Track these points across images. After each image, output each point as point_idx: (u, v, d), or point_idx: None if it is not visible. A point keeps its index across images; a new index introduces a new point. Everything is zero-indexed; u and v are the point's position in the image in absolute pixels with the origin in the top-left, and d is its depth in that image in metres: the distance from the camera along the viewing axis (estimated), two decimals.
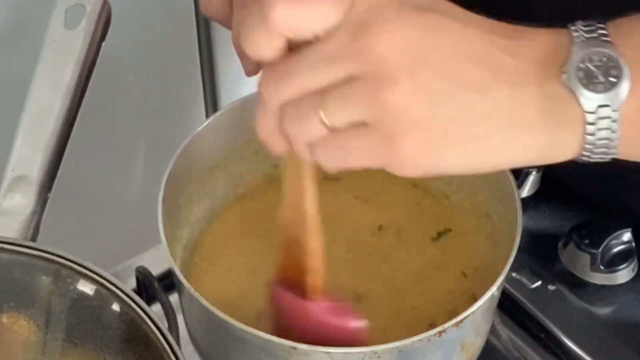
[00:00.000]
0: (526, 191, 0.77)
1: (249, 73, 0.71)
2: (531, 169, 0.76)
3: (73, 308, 0.60)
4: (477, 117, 0.47)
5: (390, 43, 0.47)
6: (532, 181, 0.77)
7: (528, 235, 0.66)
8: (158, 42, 1.13)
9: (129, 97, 1.16)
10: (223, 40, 1.19)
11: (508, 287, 0.71)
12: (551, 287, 0.71)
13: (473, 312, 0.56)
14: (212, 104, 1.27)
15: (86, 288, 0.60)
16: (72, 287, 0.60)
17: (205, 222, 0.69)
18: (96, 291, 0.60)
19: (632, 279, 0.72)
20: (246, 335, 0.56)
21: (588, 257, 0.71)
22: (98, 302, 0.60)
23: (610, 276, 0.72)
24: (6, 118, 0.68)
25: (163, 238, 0.60)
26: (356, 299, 0.65)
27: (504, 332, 0.71)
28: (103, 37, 0.72)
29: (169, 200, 0.63)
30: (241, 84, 0.86)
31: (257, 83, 0.51)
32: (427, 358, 0.58)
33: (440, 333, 0.56)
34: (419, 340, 0.55)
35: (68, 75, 0.69)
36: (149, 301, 0.63)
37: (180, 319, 0.63)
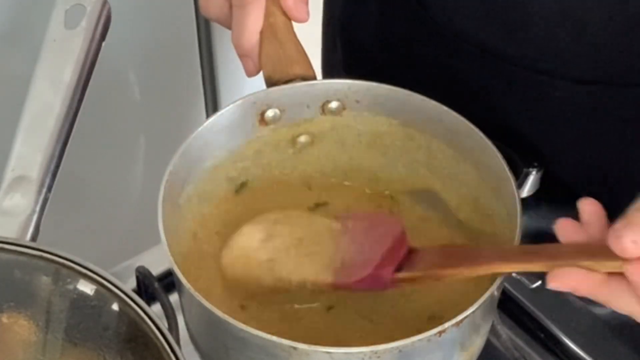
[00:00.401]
0: (526, 191, 0.77)
1: (249, 73, 0.71)
2: (531, 169, 0.76)
3: (73, 308, 0.60)
4: None
5: None
6: (532, 181, 0.77)
7: (528, 235, 0.65)
8: (158, 42, 1.13)
9: (129, 97, 1.16)
10: (223, 40, 1.19)
11: (508, 287, 0.71)
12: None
13: (473, 312, 0.56)
14: (212, 104, 1.27)
15: (86, 288, 0.60)
16: (72, 287, 0.60)
17: (205, 222, 0.69)
18: (96, 291, 0.60)
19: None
20: (246, 335, 0.56)
21: None
22: (98, 302, 0.60)
23: None
24: (6, 118, 0.68)
25: (163, 238, 0.60)
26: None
27: (504, 332, 0.70)
28: (103, 37, 0.72)
29: (169, 200, 0.63)
30: (241, 84, 0.86)
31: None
32: (427, 358, 0.58)
33: (440, 333, 0.55)
34: (419, 340, 0.55)
35: (68, 75, 0.69)
36: (149, 301, 0.63)
37: (180, 319, 0.63)
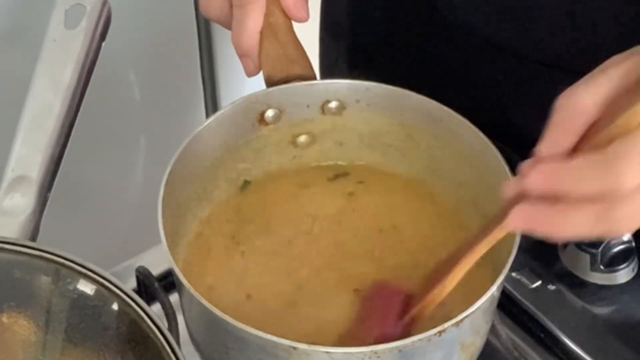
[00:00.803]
0: None
1: (250, 73, 0.71)
2: None
3: (73, 308, 0.60)
4: None
5: None
6: None
7: (528, 235, 0.65)
8: (158, 42, 1.13)
9: (129, 97, 1.16)
10: (223, 40, 1.19)
11: (508, 287, 0.71)
12: (551, 287, 0.71)
13: (473, 312, 0.56)
14: (212, 104, 1.27)
15: (86, 288, 0.60)
16: (72, 287, 0.60)
17: (205, 222, 0.69)
18: (96, 291, 0.60)
19: (632, 279, 0.72)
20: (246, 335, 0.56)
21: (588, 257, 0.71)
22: (98, 302, 0.60)
23: (610, 276, 0.72)
24: (6, 118, 0.68)
25: (163, 238, 0.60)
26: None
27: (504, 332, 0.70)
28: (103, 37, 0.72)
29: (169, 200, 0.63)
30: (241, 84, 0.86)
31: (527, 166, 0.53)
32: (427, 358, 0.58)
33: (440, 333, 0.55)
34: (419, 340, 0.55)
35: (68, 75, 0.69)
36: (149, 301, 0.63)
37: (180, 319, 0.63)
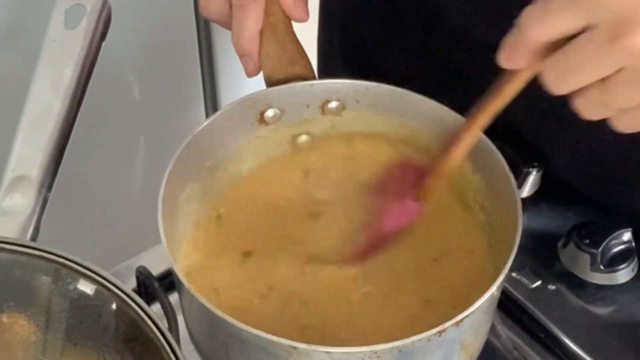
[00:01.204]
0: (526, 191, 0.77)
1: (249, 73, 0.71)
2: (531, 169, 0.76)
3: (73, 308, 0.60)
4: None
5: None
6: (532, 181, 0.77)
7: (528, 235, 0.65)
8: (158, 42, 1.13)
9: (129, 97, 1.16)
10: (223, 40, 1.19)
11: (508, 287, 0.71)
12: (551, 287, 0.71)
13: (473, 312, 0.56)
14: (212, 104, 1.27)
15: (86, 288, 0.60)
16: (72, 287, 0.60)
17: (205, 222, 0.69)
18: (96, 291, 0.60)
19: (632, 279, 0.72)
20: (246, 335, 0.56)
21: (588, 257, 0.71)
22: (98, 302, 0.60)
23: (610, 276, 0.72)
24: (6, 118, 0.68)
25: (163, 238, 0.60)
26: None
27: (504, 332, 0.71)
28: (103, 37, 0.72)
29: (169, 200, 0.63)
30: (241, 84, 0.86)
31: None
32: (427, 358, 0.58)
33: (440, 333, 0.56)
34: (419, 340, 0.55)
35: (68, 75, 0.69)
36: (149, 301, 0.63)
37: (180, 319, 0.63)
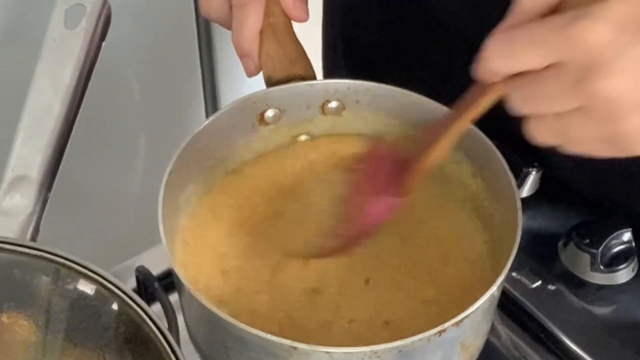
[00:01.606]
0: (526, 191, 0.77)
1: (250, 73, 0.71)
2: (531, 169, 0.76)
3: (73, 308, 0.60)
4: None
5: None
6: (532, 181, 0.77)
7: (528, 235, 0.66)
8: (158, 42, 1.13)
9: (129, 97, 1.16)
10: (223, 40, 1.19)
11: (508, 287, 0.71)
12: (551, 287, 0.71)
13: (473, 312, 0.56)
14: (212, 104, 1.27)
15: (86, 288, 0.60)
16: (72, 287, 0.60)
17: (205, 222, 0.69)
18: (96, 291, 0.60)
19: (632, 279, 0.72)
20: (246, 335, 0.56)
21: (588, 257, 0.71)
22: (98, 302, 0.60)
23: (610, 276, 0.72)
24: (6, 118, 0.68)
25: (163, 238, 0.60)
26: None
27: (504, 332, 0.71)
28: (103, 37, 0.72)
29: (169, 200, 0.63)
30: (241, 84, 0.86)
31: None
32: (427, 358, 0.58)
33: (440, 333, 0.56)
34: (419, 340, 0.55)
35: (68, 75, 0.69)
36: (149, 301, 0.63)
37: (180, 319, 0.63)
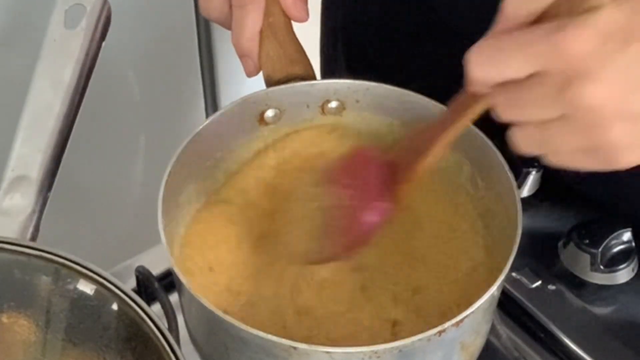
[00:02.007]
0: (526, 191, 0.77)
1: (250, 73, 0.71)
2: (531, 169, 0.76)
3: (73, 308, 0.60)
4: None
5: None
6: (532, 181, 0.77)
7: (528, 235, 0.65)
8: (158, 42, 1.13)
9: (129, 97, 1.16)
10: (223, 40, 1.19)
11: (508, 287, 0.71)
12: (551, 287, 0.71)
13: (473, 312, 0.56)
14: (212, 104, 1.27)
15: (86, 288, 0.60)
16: (72, 287, 0.60)
17: (205, 222, 0.69)
18: (96, 291, 0.60)
19: (632, 279, 0.72)
20: (246, 335, 0.56)
21: (588, 257, 0.71)
22: (98, 302, 0.60)
23: (610, 276, 0.72)
24: (6, 118, 0.68)
25: (163, 238, 0.60)
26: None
27: (504, 332, 0.71)
28: (103, 37, 0.72)
29: (169, 200, 0.63)
30: (241, 84, 0.86)
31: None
32: (427, 358, 0.58)
33: (440, 333, 0.56)
34: (419, 340, 0.55)
35: (68, 75, 0.69)
36: (149, 301, 0.63)
37: (180, 319, 0.63)
